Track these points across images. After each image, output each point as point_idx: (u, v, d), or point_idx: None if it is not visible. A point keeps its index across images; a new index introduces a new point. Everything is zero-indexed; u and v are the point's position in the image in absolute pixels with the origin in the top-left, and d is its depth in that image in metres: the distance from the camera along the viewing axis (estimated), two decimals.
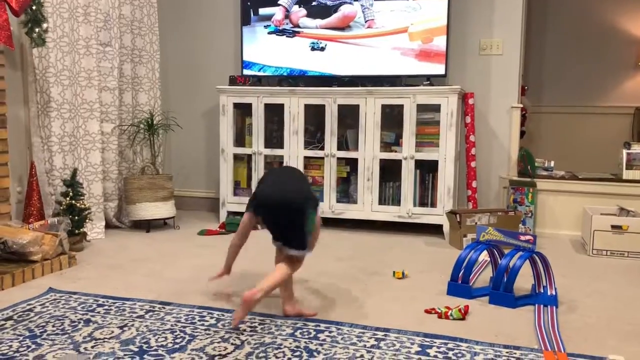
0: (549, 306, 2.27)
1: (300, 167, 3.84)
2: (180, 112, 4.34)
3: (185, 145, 4.48)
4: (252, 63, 4.00)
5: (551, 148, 5.25)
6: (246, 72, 4.02)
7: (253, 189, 3.91)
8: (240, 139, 4.05)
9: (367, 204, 3.70)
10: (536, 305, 2.29)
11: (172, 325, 2.02)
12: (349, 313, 2.19)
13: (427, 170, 3.72)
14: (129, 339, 1.89)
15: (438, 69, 3.64)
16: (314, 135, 3.94)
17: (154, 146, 3.85)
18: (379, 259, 3.07)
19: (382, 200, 3.78)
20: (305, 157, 3.87)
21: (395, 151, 3.73)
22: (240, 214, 3.96)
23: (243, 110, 4.00)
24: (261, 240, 2.28)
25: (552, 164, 3.88)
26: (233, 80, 3.98)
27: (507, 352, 1.82)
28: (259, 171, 3.92)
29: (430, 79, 3.68)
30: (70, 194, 3.17)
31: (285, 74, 3.93)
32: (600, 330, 2.04)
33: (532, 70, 5.37)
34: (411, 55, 3.67)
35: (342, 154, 3.78)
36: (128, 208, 3.70)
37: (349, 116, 3.79)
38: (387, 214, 3.69)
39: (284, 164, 3.85)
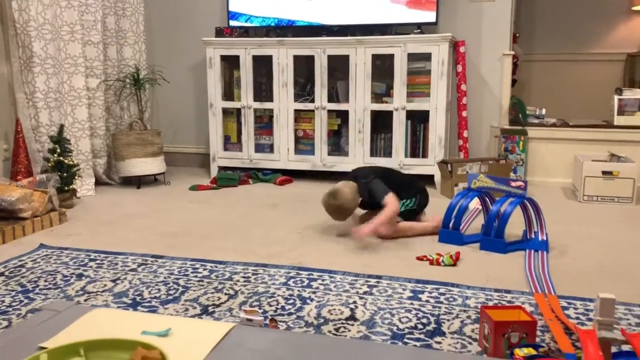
0: (539, 251, 2.29)
1: (291, 121, 3.80)
2: (166, 66, 4.26)
3: (173, 100, 4.41)
4: (239, 13, 3.90)
5: (543, 96, 5.22)
6: (233, 23, 3.92)
7: (243, 143, 3.89)
8: (229, 92, 3.99)
9: (359, 157, 3.69)
10: (527, 250, 2.30)
11: (165, 278, 2.02)
12: (342, 261, 2.20)
13: (419, 120, 3.69)
14: (122, 291, 1.89)
15: (429, 16, 3.56)
16: (303, 87, 3.88)
17: (141, 101, 3.79)
18: None
19: (374, 152, 3.76)
20: (296, 110, 3.83)
21: (386, 102, 3.69)
22: (232, 168, 3.95)
23: (231, 63, 3.93)
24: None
25: (544, 111, 3.86)
26: (219, 32, 3.89)
27: (498, 296, 1.83)
28: (248, 125, 3.88)
29: (421, 27, 3.61)
30: (58, 150, 3.12)
31: (272, 24, 3.83)
32: (590, 273, 2.06)
33: (524, 17, 5.28)
34: (402, 3, 3.59)
35: (333, 106, 3.74)
36: (117, 164, 3.67)
37: (339, 68, 3.73)
38: (379, 165, 3.67)
39: (276, 117, 3.81)
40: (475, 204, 2.90)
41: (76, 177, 3.20)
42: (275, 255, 2.28)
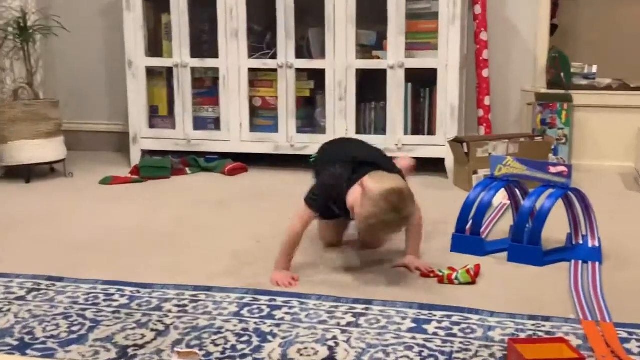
0: (589, 262, 2.31)
1: (244, 85, 3.79)
2: (66, 10, 4.19)
3: (76, 57, 4.37)
4: None
5: (594, 48, 5.26)
6: None
7: (177, 117, 3.87)
8: (155, 45, 3.97)
9: (341, 134, 3.69)
10: (572, 261, 2.32)
11: (66, 309, 1.99)
12: (315, 282, 2.19)
13: (422, 83, 3.69)
14: (4, 329, 1.86)
15: None
16: (261, 38, 3.87)
17: (30, 59, 3.74)
18: None
19: (361, 128, 3.77)
20: (251, 70, 3.82)
21: (378, 57, 3.69)
22: (161, 153, 3.93)
23: (157, 4, 3.90)
24: None
25: (595, 69, 3.90)
26: None
27: (533, 325, 1.84)
28: (184, 92, 3.85)
29: None
30: None
31: None
32: None
33: None
34: None
35: (303, 63, 3.74)
36: None
37: (311, 10, 3.72)
38: None
39: (222, 79, 3.78)
40: (501, 198, 2.91)
41: None
42: (223, 275, 2.25)
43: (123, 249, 2.55)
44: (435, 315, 1.91)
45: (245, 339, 1.79)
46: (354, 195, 2.10)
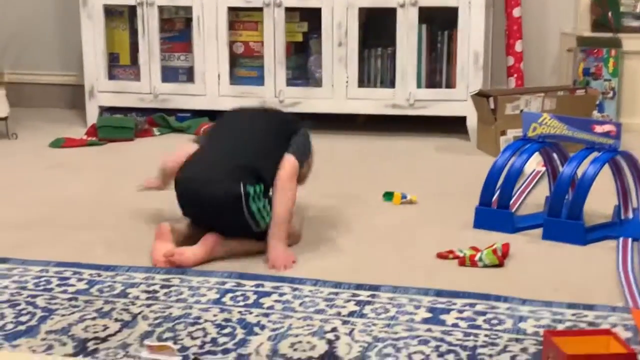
0: None
1: (223, 27, 3.75)
2: None
3: None
4: None
5: None
6: None
7: (142, 66, 3.85)
8: None
9: (340, 87, 3.69)
10: (621, 239, 2.33)
11: (12, 295, 1.99)
12: (312, 264, 2.19)
13: (440, 24, 3.67)
14: None
15: None
16: None
17: None
18: (362, 177, 3.08)
19: (365, 79, 3.75)
20: (232, 9, 3.78)
21: None
22: (123, 110, 3.91)
23: None
24: None
25: None
26: None
27: (573, 315, 1.85)
28: (150, 35, 3.82)
29: None
30: None
31: None
32: None
33: None
34: None
35: (294, 1, 3.71)
36: None
37: None
38: (374, 102, 3.68)
39: (197, 20, 3.75)
40: (534, 164, 2.91)
41: None
42: None
43: (79, 225, 2.53)
44: (455, 304, 1.91)
45: (227, 330, 1.78)
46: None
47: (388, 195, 2.75)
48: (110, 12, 3.92)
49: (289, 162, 2.28)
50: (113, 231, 2.48)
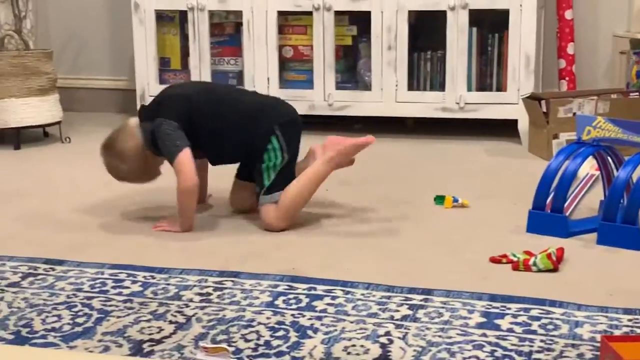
0: None
1: (272, 31, 3.77)
2: None
3: None
4: None
5: None
6: None
7: (192, 70, 3.88)
8: None
9: (389, 91, 3.69)
10: None
11: (68, 297, 2.02)
12: (363, 267, 2.19)
13: (490, 27, 3.66)
14: None
15: None
16: None
17: (18, 1, 3.77)
18: (413, 180, 3.07)
19: (414, 83, 3.76)
20: (281, 13, 3.81)
21: None
22: None
23: None
24: None
25: None
26: None
27: (630, 320, 1.83)
28: (200, 40, 3.86)
29: None
30: None
31: None
32: None
33: None
34: None
35: (344, 4, 3.72)
36: None
37: None
38: (424, 105, 3.68)
39: (246, 24, 3.78)
40: (589, 168, 2.88)
41: None
42: (253, 257, 2.27)
43: (132, 227, 2.56)
44: (509, 309, 1.90)
45: (281, 333, 1.79)
46: None
47: (439, 199, 2.74)
48: (162, 17, 3.97)
49: None
50: (166, 233, 2.50)
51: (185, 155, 2.44)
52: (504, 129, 3.65)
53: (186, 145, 2.45)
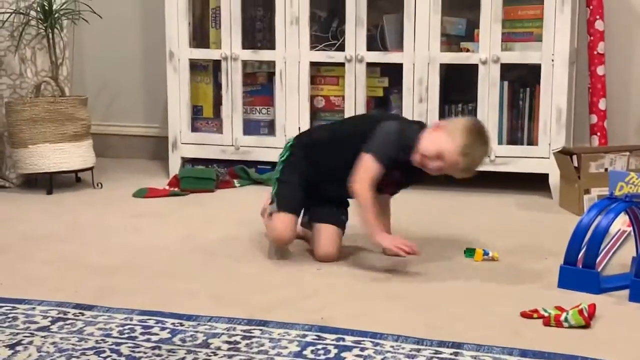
0: None
1: (305, 81, 3.80)
2: None
3: (108, 47, 4.44)
4: None
5: None
6: None
7: (224, 119, 3.91)
8: (201, 34, 4.02)
9: None
10: None
11: (97, 342, 2.02)
12: (393, 319, 2.18)
13: (522, 82, 3.66)
14: None
15: None
16: (326, 25, 3.89)
17: (55, 49, 3.81)
18: (443, 232, 3.06)
19: None
20: (313, 64, 3.83)
21: (467, 50, 3.67)
22: (205, 161, 3.97)
23: None
24: None
25: None
26: None
27: None
28: (233, 89, 3.89)
29: None
30: None
31: None
32: None
33: None
34: None
35: (376, 56, 3.74)
36: (15, 154, 3.70)
37: None
38: None
39: (279, 74, 3.81)
40: (621, 224, 2.86)
41: None
42: (281, 306, 2.27)
43: (162, 274, 2.57)
44: None
45: None
46: (432, 139, 2.47)
47: (469, 252, 2.73)
48: (195, 66, 4.01)
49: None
50: (196, 280, 2.50)
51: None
52: (535, 183, 3.63)
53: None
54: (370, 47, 3.75)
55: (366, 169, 2.48)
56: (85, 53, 4.46)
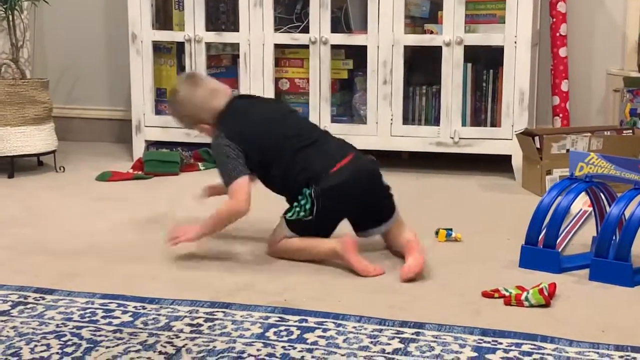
0: None
1: (269, 64, 3.79)
2: None
3: (69, 29, 4.42)
4: None
5: None
6: None
7: None
8: (164, 16, 4.01)
9: (384, 124, 3.70)
10: None
11: (57, 327, 2.01)
12: (356, 300, 2.19)
13: (486, 63, 3.68)
14: None
15: None
16: (291, 7, 3.88)
17: (15, 31, 3.78)
18: (406, 214, 3.05)
19: (409, 117, 3.77)
20: (278, 46, 3.83)
21: (431, 32, 3.68)
22: (169, 144, 3.95)
23: None
24: None
25: None
26: None
27: (621, 357, 1.82)
28: (197, 70, 3.86)
29: None
30: None
31: None
32: None
33: None
34: None
35: (340, 38, 3.74)
36: None
37: None
38: (419, 139, 3.69)
39: (243, 56, 3.80)
40: (581, 204, 2.89)
41: None
42: (244, 289, 2.27)
43: (124, 258, 2.56)
44: (501, 343, 1.89)
45: None
46: None
47: (436, 233, 2.75)
48: (159, 48, 3.99)
49: None
50: (158, 264, 2.50)
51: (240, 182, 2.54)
52: (498, 164, 3.65)
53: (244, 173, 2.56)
54: (335, 29, 3.75)
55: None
56: (46, 35, 4.43)
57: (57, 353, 1.86)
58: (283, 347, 1.89)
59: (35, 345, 1.90)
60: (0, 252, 2.62)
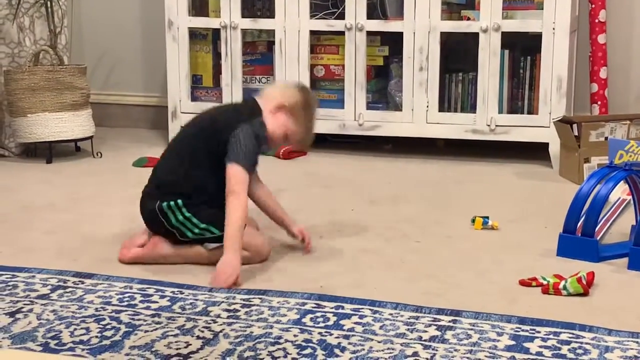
0: None
1: (305, 50, 3.79)
2: None
3: (107, 15, 4.43)
4: None
5: None
6: None
7: (224, 88, 3.91)
8: (200, 2, 4.00)
9: (420, 111, 3.69)
10: None
11: (97, 310, 2.03)
12: (392, 288, 2.20)
13: (522, 50, 3.65)
14: (25, 332, 1.90)
15: None
16: None
17: (54, 17, 3.80)
18: (442, 201, 3.07)
19: (445, 104, 3.76)
20: (313, 33, 3.82)
21: (468, 18, 3.66)
22: None
23: None
24: None
25: None
26: None
27: None
28: (233, 58, 3.88)
29: None
30: None
31: None
32: None
33: None
34: None
35: (376, 25, 3.73)
36: (14, 123, 3.70)
37: None
38: (455, 127, 3.67)
39: (279, 43, 3.80)
40: (620, 192, 2.87)
41: None
42: (281, 275, 2.29)
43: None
44: (539, 332, 1.89)
45: (308, 351, 1.80)
46: (277, 124, 2.45)
47: (473, 221, 2.74)
48: (195, 35, 4.00)
49: (229, 172, 2.34)
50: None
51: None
52: (535, 151, 3.63)
53: None
54: (371, 15, 3.73)
55: (238, 181, 2.35)
56: (84, 22, 4.45)
57: (97, 336, 1.88)
58: (320, 333, 1.89)
59: (75, 329, 1.92)
60: (39, 236, 2.65)
